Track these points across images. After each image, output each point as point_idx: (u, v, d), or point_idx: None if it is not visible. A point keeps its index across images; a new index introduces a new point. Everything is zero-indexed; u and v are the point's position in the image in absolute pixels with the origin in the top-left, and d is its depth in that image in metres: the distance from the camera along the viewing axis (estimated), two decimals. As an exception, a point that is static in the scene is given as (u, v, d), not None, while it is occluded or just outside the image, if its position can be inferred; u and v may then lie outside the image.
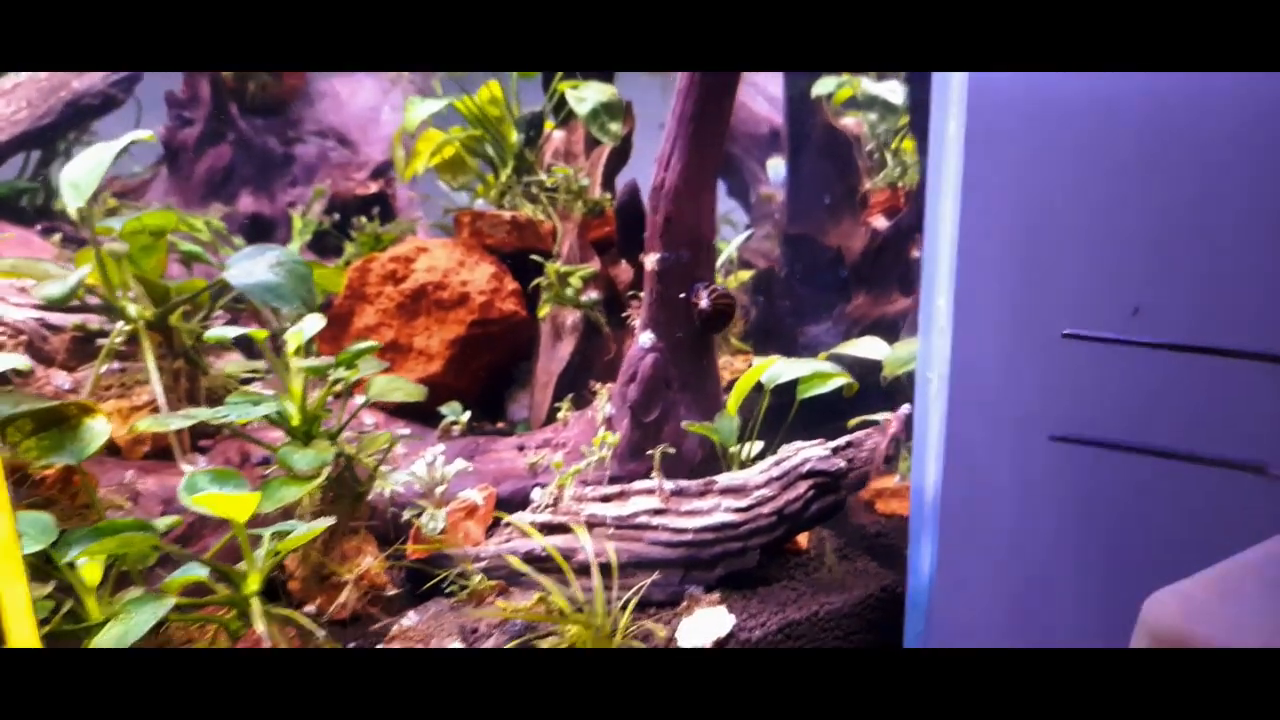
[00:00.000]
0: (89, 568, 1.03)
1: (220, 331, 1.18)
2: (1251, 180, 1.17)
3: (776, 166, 2.27)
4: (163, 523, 1.07)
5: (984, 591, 1.87)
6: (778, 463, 1.40)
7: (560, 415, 1.54)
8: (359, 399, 1.40)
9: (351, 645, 1.17)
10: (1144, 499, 1.51)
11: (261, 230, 2.23)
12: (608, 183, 1.83)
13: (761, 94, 2.42)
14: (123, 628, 0.94)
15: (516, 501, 1.49)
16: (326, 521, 1.02)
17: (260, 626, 0.97)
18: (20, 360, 1.26)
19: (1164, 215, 1.22)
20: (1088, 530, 1.65)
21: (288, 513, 1.22)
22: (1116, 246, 1.48)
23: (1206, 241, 1.24)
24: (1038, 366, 1.64)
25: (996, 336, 1.69)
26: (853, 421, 1.56)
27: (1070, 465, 1.63)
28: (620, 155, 1.84)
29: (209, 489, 0.96)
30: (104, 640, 0.93)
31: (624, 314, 1.58)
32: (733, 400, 1.44)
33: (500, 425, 1.74)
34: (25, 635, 0.81)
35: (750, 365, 1.60)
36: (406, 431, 1.44)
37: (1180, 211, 1.22)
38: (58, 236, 1.94)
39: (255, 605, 0.98)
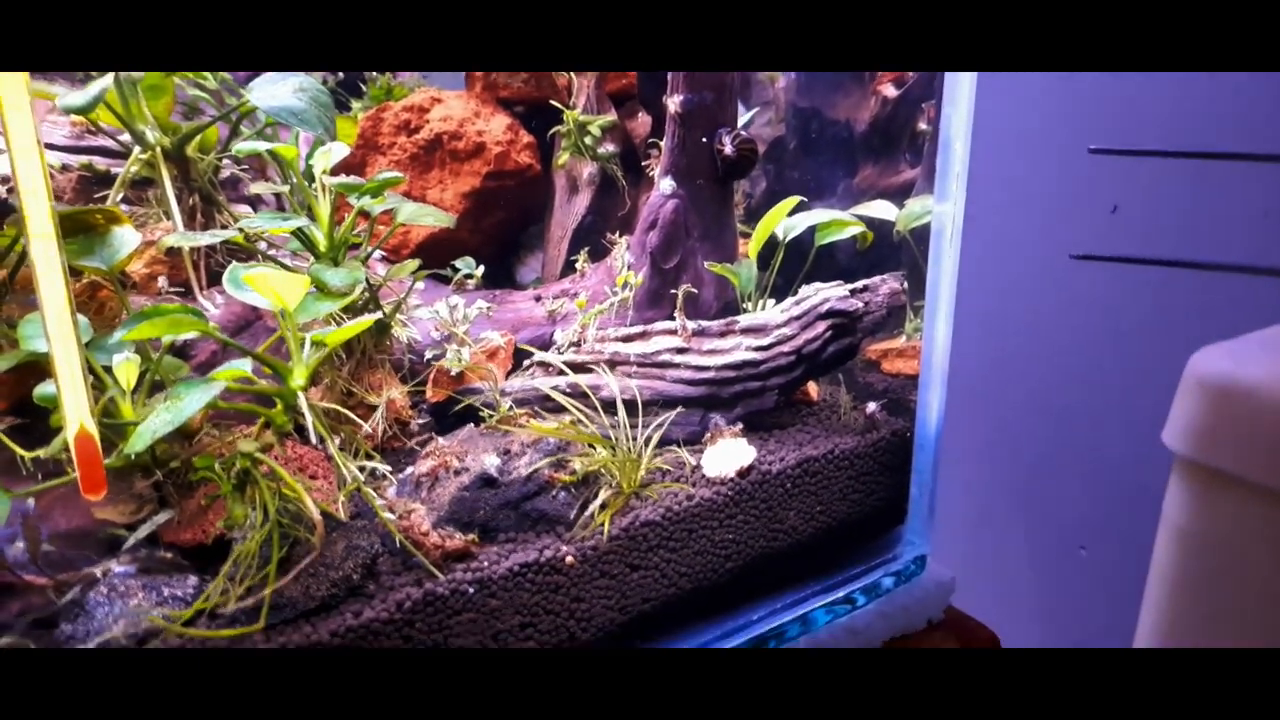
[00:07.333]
0: (125, 368, 1.02)
1: (251, 144, 1.16)
2: None
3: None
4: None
5: (988, 431, 1.94)
6: (797, 302, 1.42)
7: (578, 266, 1.55)
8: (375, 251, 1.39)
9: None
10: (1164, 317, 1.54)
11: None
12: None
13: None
14: (171, 413, 0.94)
15: (536, 349, 1.50)
16: (375, 315, 1.02)
17: (309, 419, 0.98)
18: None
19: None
20: (1102, 353, 1.70)
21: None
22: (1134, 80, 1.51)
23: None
24: (1055, 191, 1.66)
25: (1016, 164, 1.70)
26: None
27: (1087, 290, 1.66)
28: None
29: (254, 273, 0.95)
30: (153, 425, 0.93)
31: (644, 163, 1.58)
32: (753, 245, 1.46)
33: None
34: (87, 426, 0.82)
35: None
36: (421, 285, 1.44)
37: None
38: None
39: (302, 399, 0.99)
